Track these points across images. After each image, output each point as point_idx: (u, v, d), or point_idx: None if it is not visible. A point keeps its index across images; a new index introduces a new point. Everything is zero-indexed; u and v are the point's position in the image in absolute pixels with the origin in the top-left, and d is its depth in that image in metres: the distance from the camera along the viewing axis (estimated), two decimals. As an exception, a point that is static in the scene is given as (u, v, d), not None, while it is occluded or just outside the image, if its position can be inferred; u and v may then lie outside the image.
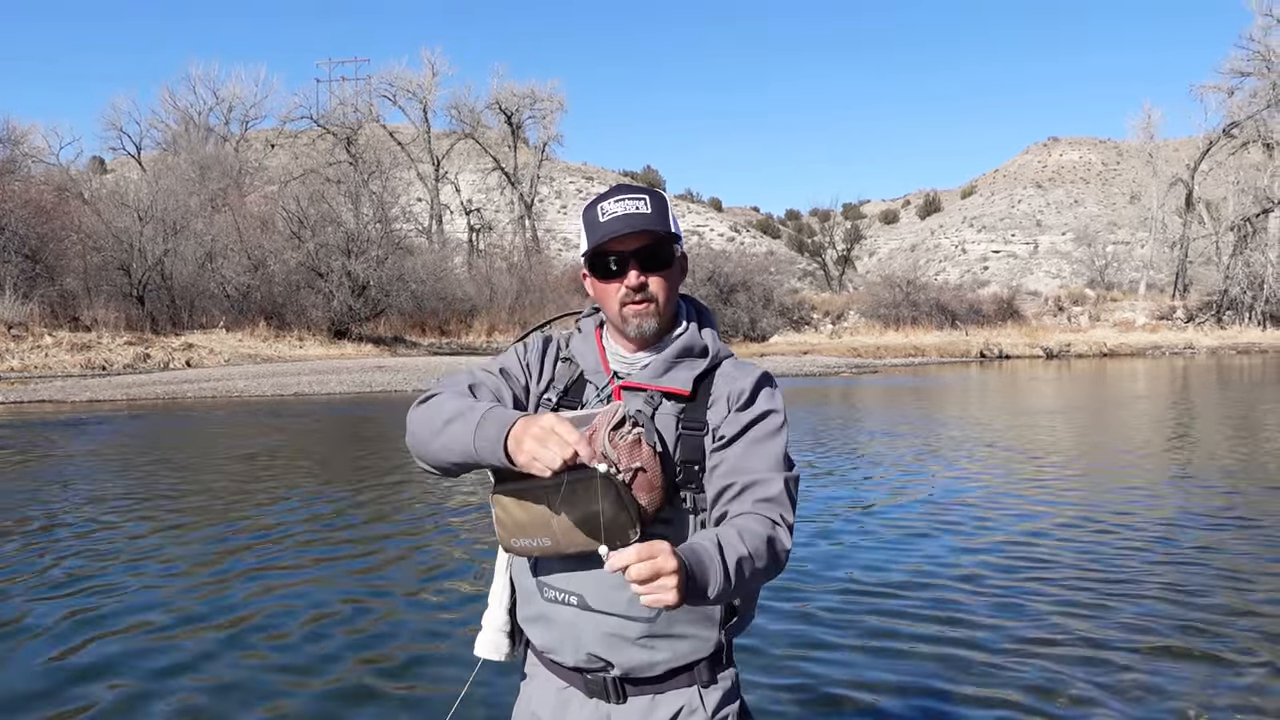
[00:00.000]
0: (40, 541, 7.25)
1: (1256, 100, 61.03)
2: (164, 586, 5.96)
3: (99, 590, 5.85)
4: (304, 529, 7.68)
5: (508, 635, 1.97)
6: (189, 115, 65.38)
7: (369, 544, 7.18)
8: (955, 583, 5.94)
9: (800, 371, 32.29)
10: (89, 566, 6.44)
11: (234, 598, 5.71)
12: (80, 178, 51.27)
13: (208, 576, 6.21)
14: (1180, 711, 3.98)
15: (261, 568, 6.44)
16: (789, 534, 1.70)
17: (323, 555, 6.82)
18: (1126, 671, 4.41)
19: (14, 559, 6.72)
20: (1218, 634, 4.91)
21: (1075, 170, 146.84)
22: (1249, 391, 24.00)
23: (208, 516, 8.23)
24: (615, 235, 1.77)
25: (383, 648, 4.84)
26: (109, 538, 7.34)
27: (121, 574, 6.24)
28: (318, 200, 45.20)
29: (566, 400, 1.86)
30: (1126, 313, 61.71)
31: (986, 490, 9.44)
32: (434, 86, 69.77)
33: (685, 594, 1.47)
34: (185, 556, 6.78)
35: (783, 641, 4.84)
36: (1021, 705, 4.06)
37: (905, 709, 4.07)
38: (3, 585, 6.00)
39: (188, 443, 13.75)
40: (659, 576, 1.44)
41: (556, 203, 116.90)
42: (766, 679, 4.34)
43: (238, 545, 7.10)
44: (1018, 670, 4.44)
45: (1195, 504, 8.59)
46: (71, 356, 30.14)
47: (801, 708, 4.08)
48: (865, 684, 4.32)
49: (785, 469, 1.76)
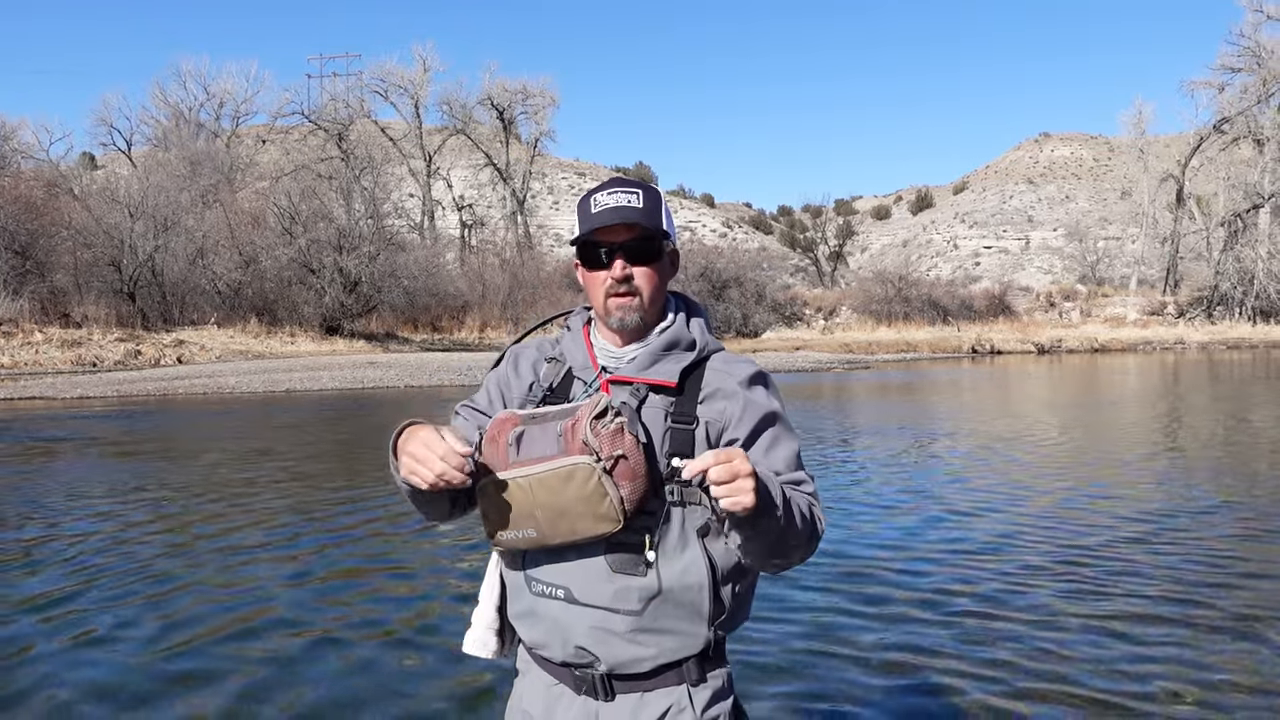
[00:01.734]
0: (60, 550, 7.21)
1: (1247, 96, 61.27)
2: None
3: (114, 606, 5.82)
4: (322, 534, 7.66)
5: (496, 633, 1.96)
6: (180, 111, 65.18)
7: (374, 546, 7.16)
8: (943, 573, 5.96)
9: (792, 367, 32.32)
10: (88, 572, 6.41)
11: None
12: (70, 174, 51.13)
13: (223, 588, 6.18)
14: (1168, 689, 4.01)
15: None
16: (822, 518, 1.79)
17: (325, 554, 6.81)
18: (1125, 649, 4.43)
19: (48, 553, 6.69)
20: (1212, 607, 4.94)
21: (1067, 166, 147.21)
22: (1238, 387, 24.10)
23: (213, 520, 8.21)
24: (603, 225, 1.79)
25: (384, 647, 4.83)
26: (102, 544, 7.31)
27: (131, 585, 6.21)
28: (309, 196, 45.10)
29: (553, 397, 1.86)
30: (1117, 308, 61.90)
31: (974, 482, 9.45)
32: (426, 82, 69.70)
33: (761, 504, 1.54)
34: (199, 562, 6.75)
35: (783, 642, 4.85)
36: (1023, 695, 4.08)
37: (903, 703, 4.08)
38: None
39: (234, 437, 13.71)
40: (736, 478, 1.51)
41: (549, 198, 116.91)
42: (767, 679, 4.34)
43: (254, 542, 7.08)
44: (1019, 663, 4.45)
45: (1188, 492, 8.63)
46: (62, 353, 30.05)
47: (801, 711, 4.08)
48: (866, 685, 4.33)
49: (801, 467, 1.83)
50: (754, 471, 1.53)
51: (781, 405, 1.86)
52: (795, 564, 1.77)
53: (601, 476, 1.62)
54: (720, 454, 1.52)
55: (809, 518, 1.72)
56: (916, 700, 4.12)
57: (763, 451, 1.79)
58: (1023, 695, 4.12)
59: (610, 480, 1.63)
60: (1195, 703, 4.03)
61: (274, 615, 5.31)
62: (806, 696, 4.15)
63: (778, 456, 1.80)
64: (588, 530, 1.67)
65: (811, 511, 1.74)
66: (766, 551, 1.69)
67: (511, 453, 1.71)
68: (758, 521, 1.58)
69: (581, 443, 1.64)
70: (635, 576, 1.72)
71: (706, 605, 1.75)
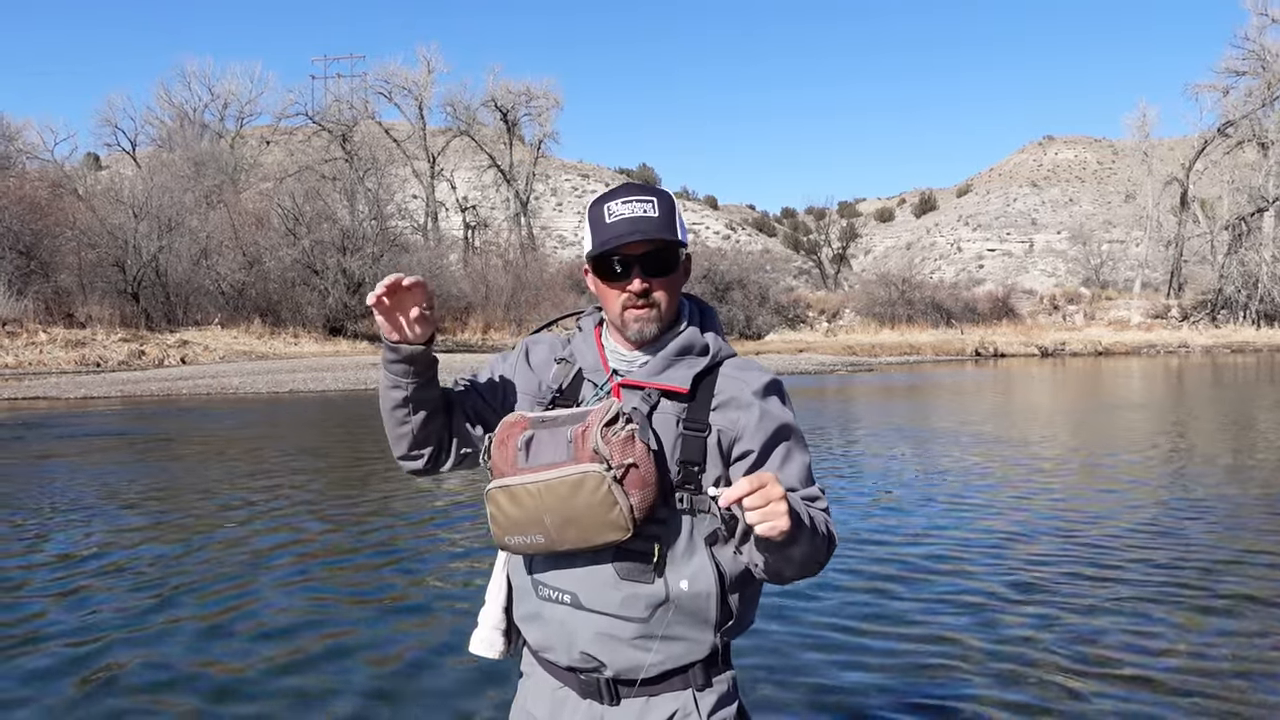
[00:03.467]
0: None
1: (1252, 99, 61.17)
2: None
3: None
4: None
5: (503, 633, 1.96)
6: (184, 112, 65.32)
7: (376, 546, 7.17)
8: (947, 575, 5.95)
9: (796, 370, 32.31)
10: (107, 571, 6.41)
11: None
12: (75, 174, 51.12)
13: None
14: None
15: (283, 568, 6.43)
16: (835, 533, 1.78)
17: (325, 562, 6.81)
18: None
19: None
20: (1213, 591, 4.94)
21: (1071, 169, 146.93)
22: (1242, 391, 24.05)
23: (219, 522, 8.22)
24: (621, 241, 1.76)
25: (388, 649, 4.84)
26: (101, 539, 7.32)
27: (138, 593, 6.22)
28: (313, 197, 45.14)
29: (563, 399, 1.85)
30: (1121, 311, 61.80)
31: (978, 484, 9.44)
32: (430, 83, 69.71)
33: (795, 529, 1.54)
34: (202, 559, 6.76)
35: (786, 643, 4.84)
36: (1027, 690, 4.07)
37: (904, 704, 4.08)
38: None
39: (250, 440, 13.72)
40: (770, 503, 1.50)
41: (552, 200, 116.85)
42: (770, 683, 4.34)
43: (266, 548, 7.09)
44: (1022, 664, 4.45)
45: (1190, 494, 8.61)
46: (66, 353, 30.09)
47: (805, 714, 4.08)
48: (869, 685, 4.32)
49: (813, 481, 1.82)
50: (786, 495, 1.52)
51: (794, 416, 1.84)
52: (807, 578, 1.78)
53: (612, 485, 1.61)
54: (753, 479, 1.50)
55: (826, 534, 1.72)
56: (918, 702, 4.11)
57: (776, 466, 1.78)
58: (1024, 696, 4.12)
59: (620, 489, 1.62)
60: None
61: (278, 621, 5.31)
62: (810, 700, 4.14)
63: (791, 472, 1.78)
64: (597, 538, 1.66)
65: (828, 528, 1.73)
66: (786, 569, 1.69)
67: (521, 458, 1.71)
68: (788, 545, 1.58)
69: (592, 450, 1.64)
70: (643, 584, 1.71)
71: (714, 612, 1.75)
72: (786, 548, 1.58)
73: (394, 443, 1.91)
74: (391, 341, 1.79)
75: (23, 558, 6.72)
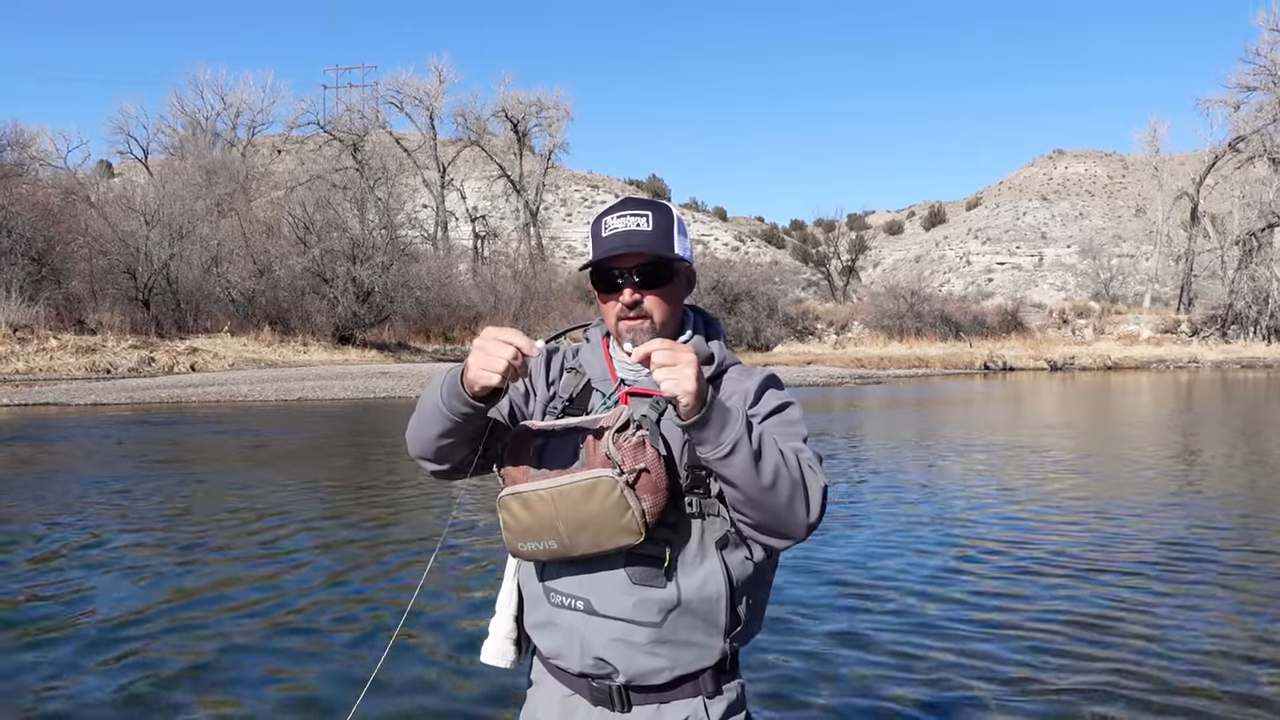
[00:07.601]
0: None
1: (1262, 115, 61.02)
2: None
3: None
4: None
5: (514, 643, 1.98)
6: (196, 120, 65.71)
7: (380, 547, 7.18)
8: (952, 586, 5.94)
9: (804, 381, 32.27)
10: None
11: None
12: (87, 181, 51.51)
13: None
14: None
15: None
16: (822, 481, 1.69)
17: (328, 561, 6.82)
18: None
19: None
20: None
21: (1081, 183, 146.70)
22: (1253, 407, 23.94)
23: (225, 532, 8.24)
24: (612, 254, 1.79)
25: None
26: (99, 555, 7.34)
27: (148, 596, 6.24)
28: (323, 206, 45.37)
29: (573, 408, 1.87)
30: (1131, 326, 61.60)
31: (984, 499, 9.43)
32: (441, 94, 70.11)
33: (703, 397, 1.56)
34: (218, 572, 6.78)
35: (793, 653, 4.84)
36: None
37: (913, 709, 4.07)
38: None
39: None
40: (678, 364, 1.55)
41: (561, 210, 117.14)
42: (778, 691, 4.33)
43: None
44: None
45: (1202, 516, 8.58)
46: (76, 360, 30.21)
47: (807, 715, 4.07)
48: (873, 693, 4.32)
49: (804, 441, 1.78)
50: (697, 360, 1.56)
51: (795, 403, 1.86)
52: (795, 530, 1.68)
53: (624, 490, 1.63)
54: (664, 340, 1.60)
55: (799, 478, 1.65)
56: (922, 703, 4.10)
57: (766, 410, 1.81)
58: (1029, 698, 4.10)
59: (632, 493, 1.64)
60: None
61: (286, 624, 5.32)
62: (815, 707, 4.14)
63: (777, 419, 1.81)
64: (609, 543, 1.67)
65: (802, 473, 1.66)
66: (754, 501, 1.63)
67: (533, 465, 1.73)
68: (708, 418, 1.56)
69: (604, 456, 1.66)
70: (655, 588, 1.73)
71: (723, 617, 1.76)
72: (710, 432, 1.57)
73: (420, 446, 1.83)
74: (474, 394, 1.67)
75: (24, 560, 6.75)
